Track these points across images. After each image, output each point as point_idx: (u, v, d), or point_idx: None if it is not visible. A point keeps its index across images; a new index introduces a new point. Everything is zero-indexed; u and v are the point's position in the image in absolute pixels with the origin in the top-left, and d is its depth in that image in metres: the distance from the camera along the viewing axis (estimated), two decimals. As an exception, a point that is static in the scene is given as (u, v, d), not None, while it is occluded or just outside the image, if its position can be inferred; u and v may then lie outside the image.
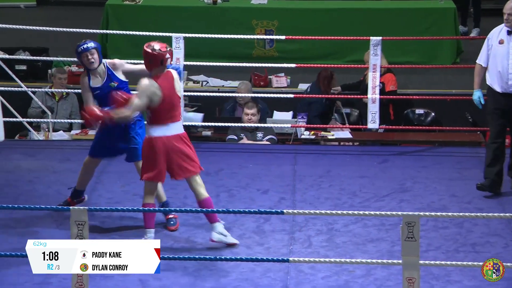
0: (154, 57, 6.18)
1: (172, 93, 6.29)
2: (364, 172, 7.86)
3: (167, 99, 6.26)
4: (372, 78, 8.37)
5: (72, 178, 7.57)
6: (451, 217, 6.75)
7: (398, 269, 5.73)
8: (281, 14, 11.13)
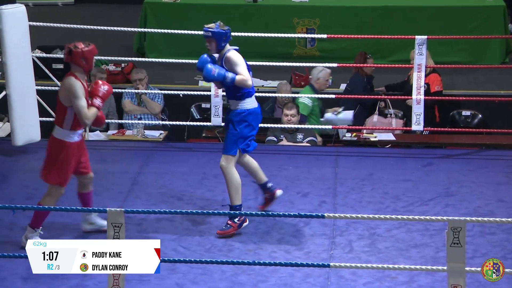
0: None
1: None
2: (408, 176, 7.79)
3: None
4: (417, 78, 8.27)
5: (109, 179, 7.66)
6: (499, 223, 6.64)
7: (443, 276, 5.70)
8: (323, 13, 11.08)
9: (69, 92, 6.25)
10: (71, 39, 10.91)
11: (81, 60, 6.32)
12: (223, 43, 6.64)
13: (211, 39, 6.62)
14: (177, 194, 7.39)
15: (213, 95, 8.44)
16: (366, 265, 5.86)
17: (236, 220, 6.67)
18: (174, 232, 6.71)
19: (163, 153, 8.40)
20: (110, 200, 7.20)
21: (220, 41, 6.62)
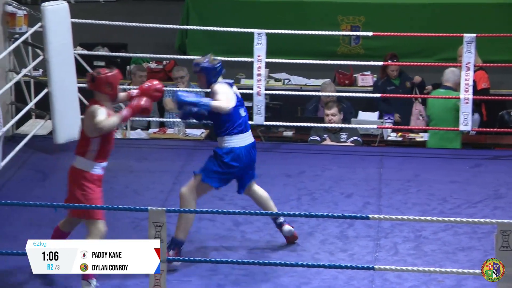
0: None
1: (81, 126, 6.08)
2: (455, 177, 7.70)
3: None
4: (465, 77, 8.16)
5: (150, 178, 7.69)
6: (551, 226, 6.46)
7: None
8: (368, 10, 11.02)
9: (90, 114, 5.83)
10: (113, 37, 11.09)
11: (105, 86, 5.85)
12: (213, 78, 6.26)
13: (200, 74, 6.28)
14: (219, 193, 7.29)
15: (256, 93, 8.36)
16: (411, 268, 5.81)
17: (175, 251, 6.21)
18: (216, 232, 6.70)
19: (204, 152, 8.26)
20: (151, 199, 7.20)
21: (209, 76, 6.26)
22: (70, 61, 8.09)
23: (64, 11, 8.01)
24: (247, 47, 8.54)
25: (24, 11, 8.25)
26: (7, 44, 8.23)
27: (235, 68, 10.48)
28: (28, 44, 8.42)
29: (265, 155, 8.31)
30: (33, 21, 8.24)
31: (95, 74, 5.85)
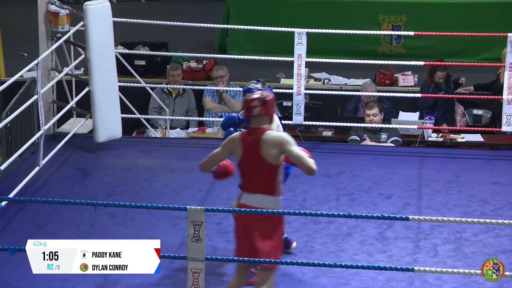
0: (243, 104, 5.41)
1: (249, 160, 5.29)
2: (496, 178, 7.62)
3: (242, 161, 5.34)
4: (508, 77, 8.06)
5: (189, 177, 7.67)
6: None
7: None
8: (409, 9, 10.92)
9: (281, 145, 5.23)
10: (153, 36, 11.12)
11: (273, 108, 5.39)
12: None
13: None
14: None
15: (295, 93, 8.33)
16: (451, 270, 5.66)
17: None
18: None
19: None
20: (190, 198, 7.21)
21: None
22: (111, 60, 8.12)
23: (105, 10, 8.05)
24: (287, 47, 8.51)
25: (67, 10, 8.31)
26: (49, 43, 8.29)
27: (275, 67, 10.48)
28: (70, 43, 8.47)
29: None
30: (76, 20, 8.29)
31: (264, 98, 5.28)
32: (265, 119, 5.31)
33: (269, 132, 5.28)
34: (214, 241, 6.49)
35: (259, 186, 5.28)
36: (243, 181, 5.37)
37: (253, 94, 5.33)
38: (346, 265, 5.77)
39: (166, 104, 9.43)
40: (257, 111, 5.27)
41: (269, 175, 5.27)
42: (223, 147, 5.36)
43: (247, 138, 5.29)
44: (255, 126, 5.29)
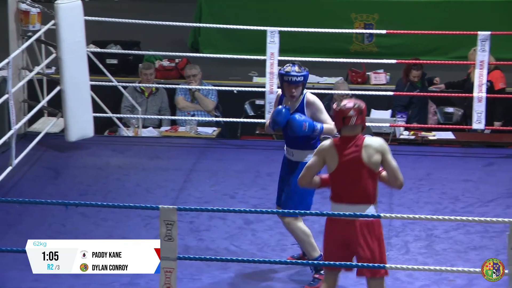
0: (336, 114, 5.23)
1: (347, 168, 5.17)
2: (467, 176, 7.66)
3: (339, 170, 5.21)
4: (478, 75, 8.14)
5: (162, 176, 7.67)
6: None
7: (503, 280, 5.41)
8: (382, 7, 10.98)
9: (384, 151, 5.14)
10: (126, 34, 11.09)
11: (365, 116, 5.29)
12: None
13: (300, 85, 5.86)
14: (230, 192, 7.37)
15: (268, 91, 8.34)
16: (423, 267, 5.78)
17: (322, 272, 5.89)
18: (227, 231, 6.69)
19: (216, 150, 8.39)
20: (163, 197, 7.20)
21: (305, 84, 5.92)
22: (83, 59, 8.09)
23: (77, 8, 8.01)
24: (260, 45, 8.51)
25: (38, 9, 8.27)
26: (20, 42, 8.24)
27: (247, 66, 10.48)
28: (41, 42, 8.43)
29: (277, 153, 8.22)
30: (47, 19, 8.25)
31: (361, 107, 5.21)
32: (360, 127, 5.22)
33: (368, 138, 5.19)
34: (186, 240, 6.49)
35: (359, 195, 5.15)
36: (338, 191, 5.20)
37: (345, 102, 5.22)
38: (318, 263, 5.83)
39: (138, 103, 9.40)
40: (354, 120, 5.18)
41: (370, 183, 5.15)
42: (317, 157, 5.22)
43: (342, 145, 5.17)
44: (349, 134, 5.18)
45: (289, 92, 5.88)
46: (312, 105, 5.91)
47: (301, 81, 5.86)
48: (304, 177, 5.30)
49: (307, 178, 5.29)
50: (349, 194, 5.15)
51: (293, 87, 5.86)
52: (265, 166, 7.83)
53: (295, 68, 5.87)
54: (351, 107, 5.18)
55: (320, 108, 5.92)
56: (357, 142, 5.15)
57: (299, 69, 5.87)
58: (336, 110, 5.23)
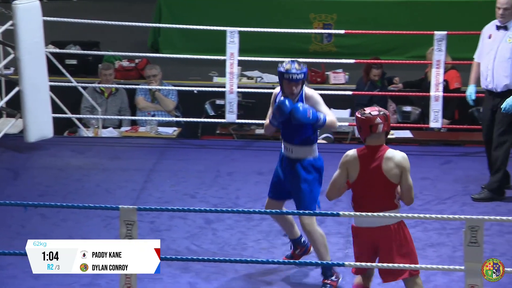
0: (362, 122, 5.20)
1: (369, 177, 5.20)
2: (425, 174, 7.68)
3: (360, 179, 5.25)
4: (435, 75, 8.22)
5: (122, 176, 7.66)
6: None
7: (460, 276, 5.61)
8: (340, 8, 11.06)
9: (405, 166, 5.20)
10: (85, 35, 11.05)
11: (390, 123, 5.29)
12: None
13: (300, 82, 5.76)
14: (191, 191, 7.37)
15: (228, 91, 8.37)
16: (381, 264, 5.64)
17: (333, 278, 5.92)
18: (187, 230, 6.69)
19: (177, 150, 8.38)
20: (123, 198, 7.20)
21: (305, 81, 5.83)
22: (41, 59, 8.06)
23: (35, 9, 7.98)
24: (220, 45, 8.53)
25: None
26: (-23, 43, 8.20)
27: (208, 66, 10.50)
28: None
29: (237, 152, 8.31)
30: (4, 19, 8.19)
31: (385, 114, 5.20)
32: (384, 135, 5.22)
33: (391, 150, 5.20)
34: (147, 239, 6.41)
35: (378, 204, 5.19)
36: (358, 200, 5.24)
37: (370, 110, 5.20)
38: (278, 261, 5.89)
39: (98, 104, 9.39)
40: (381, 128, 5.17)
41: (389, 193, 5.19)
42: (341, 169, 5.25)
43: (365, 155, 5.19)
44: (375, 143, 5.19)
45: (289, 90, 5.76)
46: (310, 98, 5.79)
47: (301, 79, 5.75)
48: (331, 192, 5.32)
49: (334, 192, 5.33)
50: (369, 203, 5.20)
51: (293, 84, 5.74)
52: (225, 166, 7.85)
53: (295, 66, 5.75)
54: (377, 114, 5.15)
55: (318, 101, 5.81)
56: (380, 152, 5.16)
57: (299, 66, 5.76)
58: (362, 118, 5.18)
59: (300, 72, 5.74)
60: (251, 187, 7.41)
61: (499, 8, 7.08)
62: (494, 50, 7.09)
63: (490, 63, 7.09)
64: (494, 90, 7.12)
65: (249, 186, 7.43)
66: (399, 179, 5.19)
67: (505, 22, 7.10)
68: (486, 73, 7.13)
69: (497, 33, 7.12)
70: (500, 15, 7.08)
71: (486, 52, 7.16)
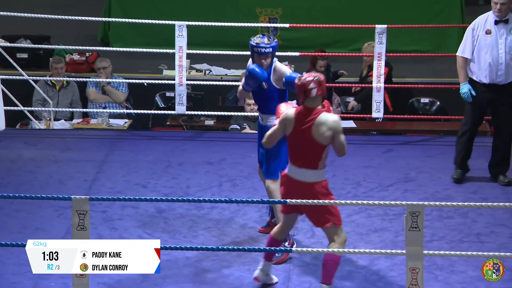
0: (298, 87, 5.57)
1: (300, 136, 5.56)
2: (368, 162, 7.83)
3: (292, 136, 5.61)
4: (377, 66, 8.36)
5: (74, 167, 7.66)
6: (456, 207, 6.75)
7: (401, 259, 5.73)
8: (285, 2, 11.14)
9: (337, 129, 5.53)
10: (36, 29, 11.02)
11: (325, 87, 5.62)
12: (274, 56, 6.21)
13: (269, 55, 6.12)
14: (142, 181, 7.40)
15: (177, 84, 8.47)
16: (327, 250, 5.81)
17: (286, 244, 6.16)
18: (139, 219, 6.71)
19: (128, 142, 8.38)
20: (75, 188, 7.21)
21: (274, 54, 6.18)
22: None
23: (-14, 3, 7.96)
24: (169, 39, 8.56)
25: None
26: None
27: (157, 59, 10.53)
28: (-51, 37, 8.35)
29: (187, 143, 8.33)
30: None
31: (320, 78, 5.54)
32: (320, 99, 5.56)
33: (325, 114, 5.52)
34: (99, 229, 6.50)
35: (304, 162, 5.55)
36: (290, 154, 5.64)
37: (306, 76, 5.55)
38: (228, 248, 5.93)
39: (50, 97, 9.41)
40: (314, 92, 5.51)
41: (315, 153, 5.55)
42: (279, 125, 5.63)
43: (300, 115, 5.54)
44: (310, 106, 5.53)
45: (259, 62, 6.13)
46: (277, 71, 6.14)
47: (270, 52, 6.11)
48: (267, 143, 5.72)
49: (271, 143, 5.72)
50: (298, 159, 5.58)
51: (262, 57, 6.11)
52: (175, 156, 7.89)
53: (265, 40, 6.11)
54: (311, 80, 5.51)
55: (283, 70, 6.13)
56: (314, 115, 5.51)
57: (268, 41, 6.11)
58: (297, 84, 5.55)
59: (268, 46, 6.11)
60: (201, 177, 7.47)
61: (496, 3, 7.09)
62: (501, 44, 7.13)
63: (501, 57, 7.13)
64: (500, 83, 7.18)
65: (199, 176, 7.49)
66: (331, 140, 5.55)
67: (503, 16, 7.14)
68: (495, 68, 7.15)
69: (497, 28, 7.15)
70: (498, 10, 7.10)
71: (485, 47, 7.15)
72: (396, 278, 5.95)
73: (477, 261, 5.97)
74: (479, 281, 5.90)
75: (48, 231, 6.52)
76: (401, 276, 5.75)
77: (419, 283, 5.31)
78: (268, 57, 6.13)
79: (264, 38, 6.13)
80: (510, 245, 6.36)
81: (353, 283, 5.94)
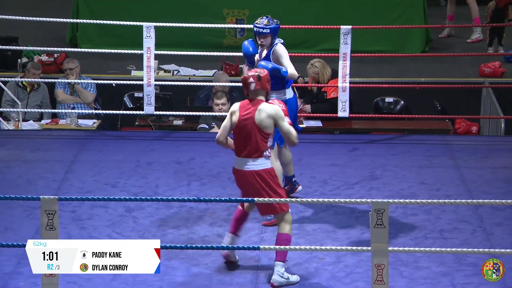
0: (242, 81, 6.06)
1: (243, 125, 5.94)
2: (334, 161, 7.88)
3: (237, 126, 5.98)
4: (342, 66, 8.45)
5: (43, 167, 7.64)
6: (420, 204, 6.81)
7: (367, 256, 5.78)
8: (252, 3, 11.16)
9: (276, 116, 5.91)
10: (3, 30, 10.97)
11: (268, 83, 6.04)
12: (276, 36, 6.70)
13: (267, 36, 6.66)
14: (111, 181, 7.41)
15: (146, 84, 8.50)
16: (294, 247, 5.96)
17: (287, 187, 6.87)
18: (108, 219, 6.74)
19: (97, 142, 8.38)
20: (44, 188, 7.20)
21: (275, 36, 6.68)
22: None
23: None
24: (137, 40, 8.57)
25: None
26: None
27: (126, 60, 10.51)
28: None
29: (156, 143, 8.34)
30: None
31: (259, 74, 5.98)
32: (261, 92, 6.00)
33: (265, 104, 5.97)
34: (69, 228, 6.52)
35: (250, 151, 5.92)
36: (236, 146, 5.99)
37: (248, 72, 6.05)
38: (196, 247, 5.90)
39: (20, 98, 9.40)
40: (253, 86, 5.95)
41: (260, 141, 5.91)
42: (229, 116, 6.02)
43: (244, 106, 5.97)
44: (253, 97, 5.98)
45: (258, 41, 6.68)
46: (276, 52, 6.66)
47: (267, 33, 6.63)
48: (221, 135, 6.05)
49: (224, 135, 6.04)
50: (243, 149, 5.92)
51: (261, 37, 6.66)
52: (144, 156, 7.91)
53: (264, 21, 6.66)
54: (251, 75, 5.98)
55: (281, 54, 6.67)
56: (255, 106, 5.93)
57: (268, 22, 6.65)
58: (241, 78, 6.03)
59: (266, 27, 6.62)
60: (170, 176, 7.50)
61: None
62: None
63: None
64: None
65: (168, 175, 7.51)
66: (272, 128, 5.92)
67: None
68: None
69: None
70: None
71: None
72: (362, 275, 6.02)
73: (441, 257, 6.12)
74: (442, 276, 6.01)
75: (17, 231, 6.54)
76: (367, 273, 5.81)
77: (384, 279, 5.38)
78: (266, 37, 6.64)
79: (264, 19, 6.65)
80: (472, 241, 6.46)
81: (320, 280, 6.00)
